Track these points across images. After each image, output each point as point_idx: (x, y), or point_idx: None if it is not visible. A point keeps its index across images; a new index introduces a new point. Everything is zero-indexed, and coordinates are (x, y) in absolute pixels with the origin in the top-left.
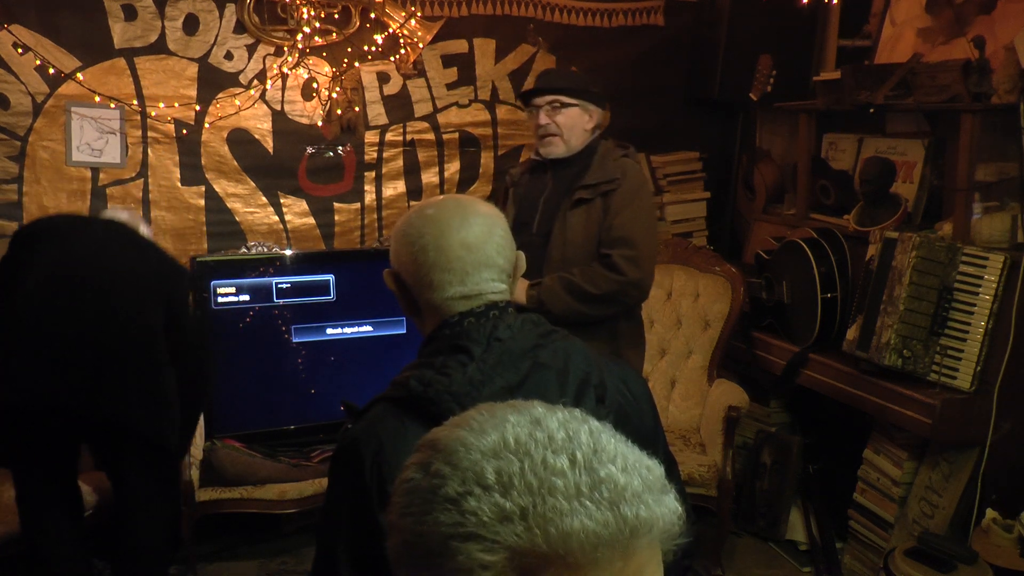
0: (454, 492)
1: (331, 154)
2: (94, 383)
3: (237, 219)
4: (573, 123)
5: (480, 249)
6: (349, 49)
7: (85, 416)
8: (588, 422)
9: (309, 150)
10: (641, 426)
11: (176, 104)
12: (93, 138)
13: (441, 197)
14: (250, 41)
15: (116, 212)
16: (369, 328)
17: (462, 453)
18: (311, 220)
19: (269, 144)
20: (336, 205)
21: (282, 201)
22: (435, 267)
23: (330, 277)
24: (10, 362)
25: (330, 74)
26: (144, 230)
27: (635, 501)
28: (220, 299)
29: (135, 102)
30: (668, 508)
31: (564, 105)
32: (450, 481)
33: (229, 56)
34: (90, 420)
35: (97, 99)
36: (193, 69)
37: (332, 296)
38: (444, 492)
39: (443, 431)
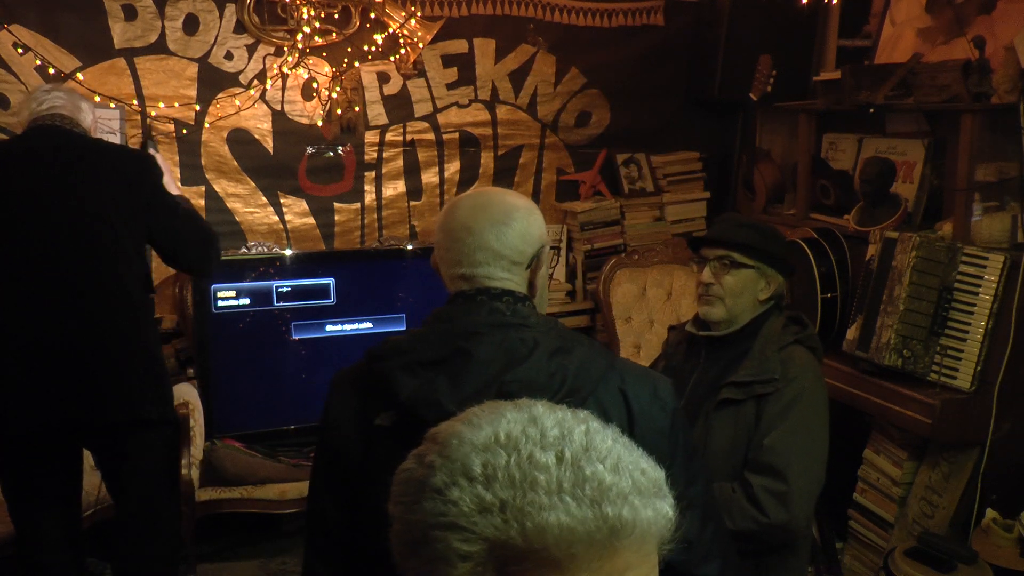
0: (440, 482)
1: (331, 154)
2: (92, 390)
3: (237, 219)
4: (743, 288)
5: (480, 235)
6: (349, 49)
7: (87, 424)
8: (588, 422)
9: (309, 150)
10: None
11: (176, 104)
12: None
13: (484, 188)
14: (250, 41)
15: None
16: (369, 325)
17: (455, 445)
18: (311, 220)
19: (269, 144)
20: (336, 205)
21: (282, 201)
22: (441, 246)
23: (330, 280)
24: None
25: (330, 74)
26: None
27: (619, 501)
28: (220, 303)
29: (135, 102)
30: (656, 511)
31: (736, 264)
32: (439, 471)
33: (229, 56)
34: (92, 427)
35: (97, 99)
36: (193, 69)
37: (332, 300)
38: (432, 482)
39: (445, 424)
